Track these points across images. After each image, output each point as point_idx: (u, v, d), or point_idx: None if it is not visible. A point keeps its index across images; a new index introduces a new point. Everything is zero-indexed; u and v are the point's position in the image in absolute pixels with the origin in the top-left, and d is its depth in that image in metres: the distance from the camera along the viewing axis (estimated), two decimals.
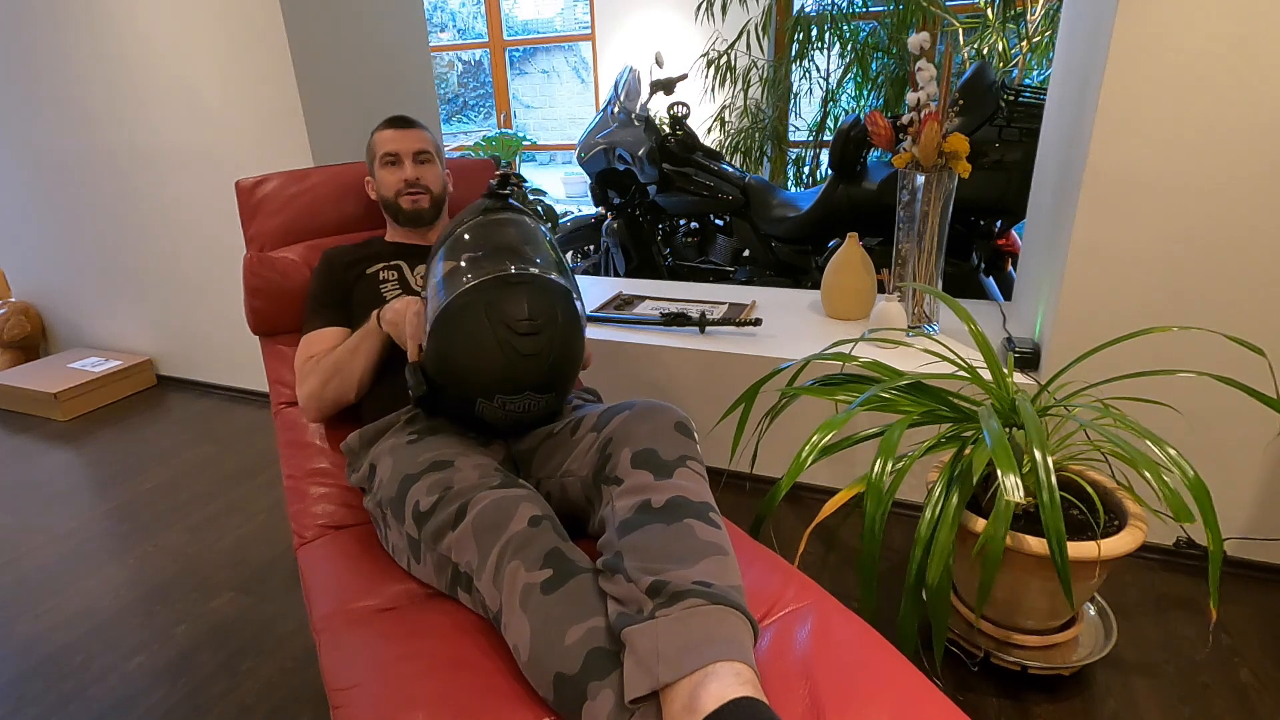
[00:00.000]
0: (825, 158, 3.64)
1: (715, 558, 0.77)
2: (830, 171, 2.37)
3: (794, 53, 3.51)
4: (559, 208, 4.24)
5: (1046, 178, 1.63)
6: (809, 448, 1.08)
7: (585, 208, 4.04)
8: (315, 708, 1.20)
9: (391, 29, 2.18)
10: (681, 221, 2.90)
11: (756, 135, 3.74)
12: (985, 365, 1.16)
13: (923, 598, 1.17)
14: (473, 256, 1.04)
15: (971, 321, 1.17)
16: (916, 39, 1.61)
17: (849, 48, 3.38)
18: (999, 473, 0.91)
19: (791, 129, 3.93)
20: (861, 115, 2.24)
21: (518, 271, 1.02)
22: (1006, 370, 1.17)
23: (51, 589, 1.54)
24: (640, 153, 2.72)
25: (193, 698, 1.23)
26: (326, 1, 1.98)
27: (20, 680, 1.29)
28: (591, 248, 3.15)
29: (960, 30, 3.01)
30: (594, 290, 2.28)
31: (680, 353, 1.80)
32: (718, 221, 2.81)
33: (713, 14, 3.57)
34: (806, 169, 3.75)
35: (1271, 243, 1.23)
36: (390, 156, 1.37)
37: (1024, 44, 2.85)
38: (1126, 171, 1.27)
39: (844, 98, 3.58)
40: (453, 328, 1.00)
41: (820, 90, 3.57)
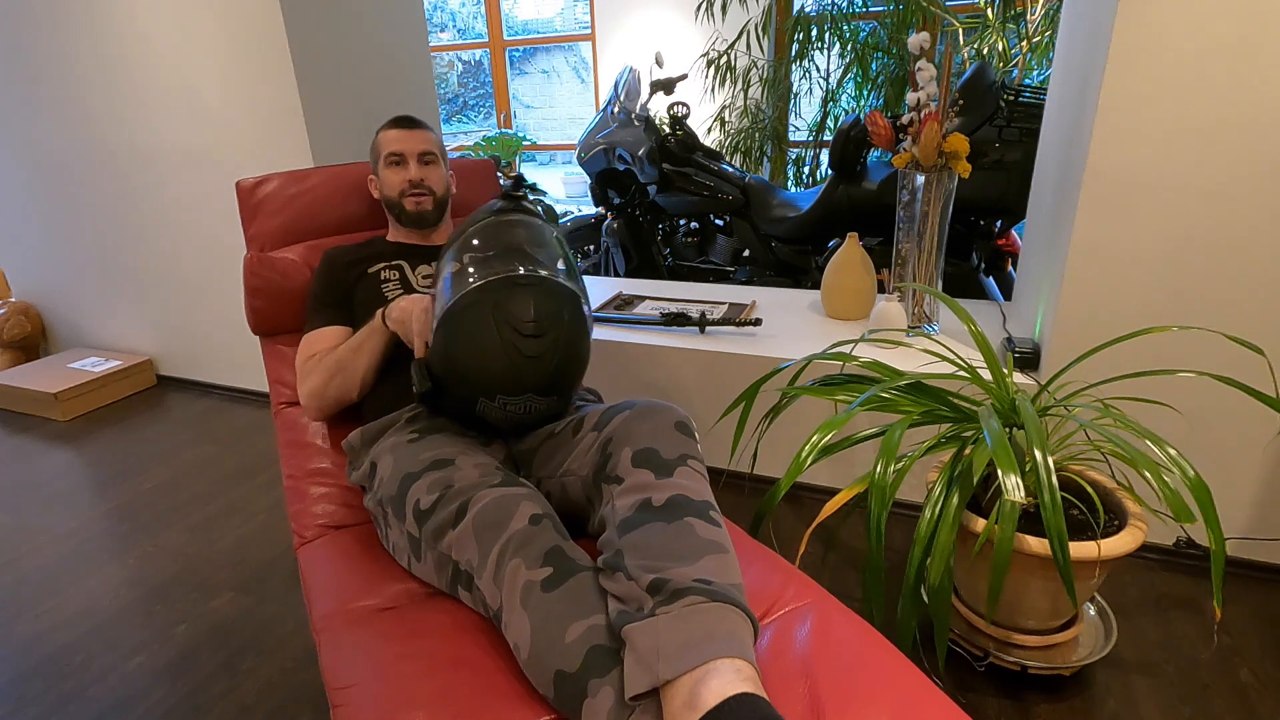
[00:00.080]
0: (825, 158, 3.64)
1: (716, 556, 0.78)
2: (830, 171, 2.36)
3: (794, 53, 3.51)
4: (559, 208, 4.24)
5: (1046, 178, 1.63)
6: (809, 448, 1.08)
7: (585, 208, 4.04)
8: (315, 708, 1.20)
9: (391, 29, 2.18)
10: (681, 221, 2.90)
11: (756, 135, 3.74)
12: (985, 365, 1.16)
13: (922, 598, 1.17)
14: (482, 256, 1.04)
15: (971, 321, 1.17)
16: (916, 39, 1.61)
17: (849, 48, 3.38)
18: (1000, 473, 0.91)
19: (791, 129, 3.93)
20: (861, 115, 2.24)
21: (526, 273, 1.02)
22: (1006, 370, 1.17)
23: (51, 589, 1.54)
24: (640, 153, 2.72)
25: (193, 698, 1.23)
26: (326, 1, 1.98)
27: (20, 680, 1.29)
28: (591, 248, 3.15)
29: (960, 30, 3.01)
30: (594, 290, 2.28)
31: (680, 353, 1.80)
32: (718, 221, 2.81)
33: (713, 14, 3.58)
34: (806, 169, 3.75)
35: (1271, 243, 1.23)
36: (395, 156, 1.37)
37: (1024, 44, 2.85)
38: (1126, 171, 1.27)
39: (844, 98, 3.58)
40: (458, 326, 1.00)
41: (820, 90, 3.57)
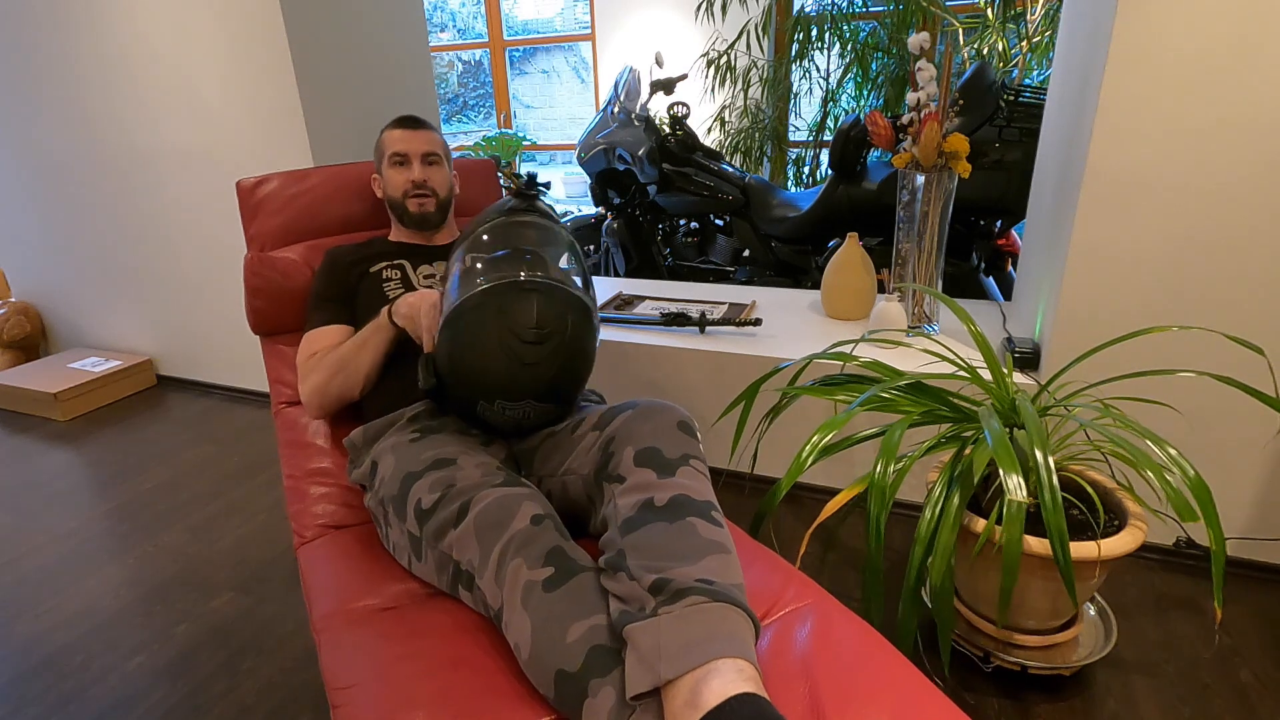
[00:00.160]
0: (825, 158, 3.64)
1: (717, 556, 0.78)
2: (830, 171, 2.36)
3: (794, 53, 3.51)
4: (559, 208, 4.24)
5: (1046, 178, 1.63)
6: (809, 448, 1.08)
7: (585, 208, 4.04)
8: (315, 708, 1.20)
9: (391, 29, 2.18)
10: (681, 221, 2.90)
11: (756, 135, 3.74)
12: (985, 365, 1.16)
13: (923, 598, 1.17)
14: (491, 258, 1.03)
15: (971, 321, 1.17)
16: (916, 39, 1.61)
17: (849, 48, 3.38)
18: (1002, 473, 0.91)
19: (791, 129, 3.93)
20: (861, 115, 2.24)
21: (531, 278, 1.01)
22: (1006, 370, 1.17)
23: (51, 589, 1.54)
24: (640, 153, 2.72)
25: (193, 698, 1.23)
26: (326, 1, 1.98)
27: (20, 680, 1.29)
28: (591, 248, 3.15)
29: (960, 30, 3.01)
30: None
31: (680, 353, 1.80)
32: (718, 221, 2.81)
33: (713, 14, 3.57)
34: (806, 169, 3.75)
35: (1271, 243, 1.23)
36: (399, 156, 1.37)
37: (1024, 44, 2.85)
38: (1126, 171, 1.27)
39: (844, 98, 3.58)
40: (462, 327, 1.00)
41: (820, 90, 3.57)
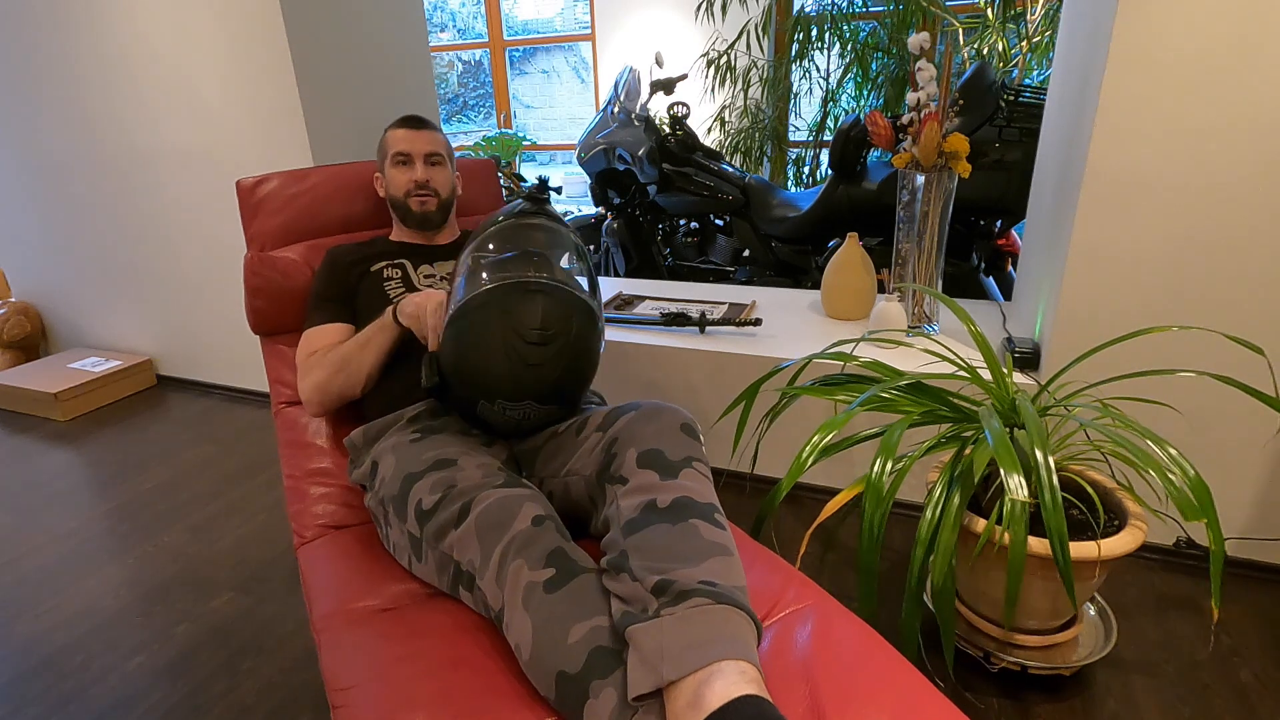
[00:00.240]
0: (825, 158, 3.64)
1: (720, 558, 0.78)
2: (830, 171, 2.36)
3: (794, 53, 3.51)
4: (559, 208, 4.23)
5: (1046, 178, 1.63)
6: (809, 448, 1.08)
7: (585, 208, 4.04)
8: (315, 708, 1.20)
9: (391, 29, 2.18)
10: (681, 221, 2.90)
11: (756, 135, 3.74)
12: (985, 365, 1.16)
13: (924, 600, 1.17)
14: (499, 259, 1.04)
15: (971, 321, 1.17)
16: (916, 39, 1.61)
17: (849, 48, 3.38)
18: (1003, 473, 0.91)
19: (791, 129, 3.93)
20: (861, 115, 2.24)
21: (538, 280, 1.01)
22: (1006, 370, 1.17)
23: (51, 589, 1.54)
24: (640, 153, 2.72)
25: (193, 698, 1.23)
26: (326, 1, 1.98)
27: (20, 680, 1.29)
28: (591, 248, 3.15)
29: (960, 30, 3.01)
30: None
31: (680, 353, 1.80)
32: (718, 221, 2.81)
33: (713, 14, 3.57)
34: (806, 169, 3.75)
35: (1271, 243, 1.23)
36: (402, 156, 1.37)
37: (1024, 44, 2.85)
38: (1126, 171, 1.27)
39: (844, 98, 3.58)
40: (466, 326, 1.01)
41: (820, 90, 3.57)
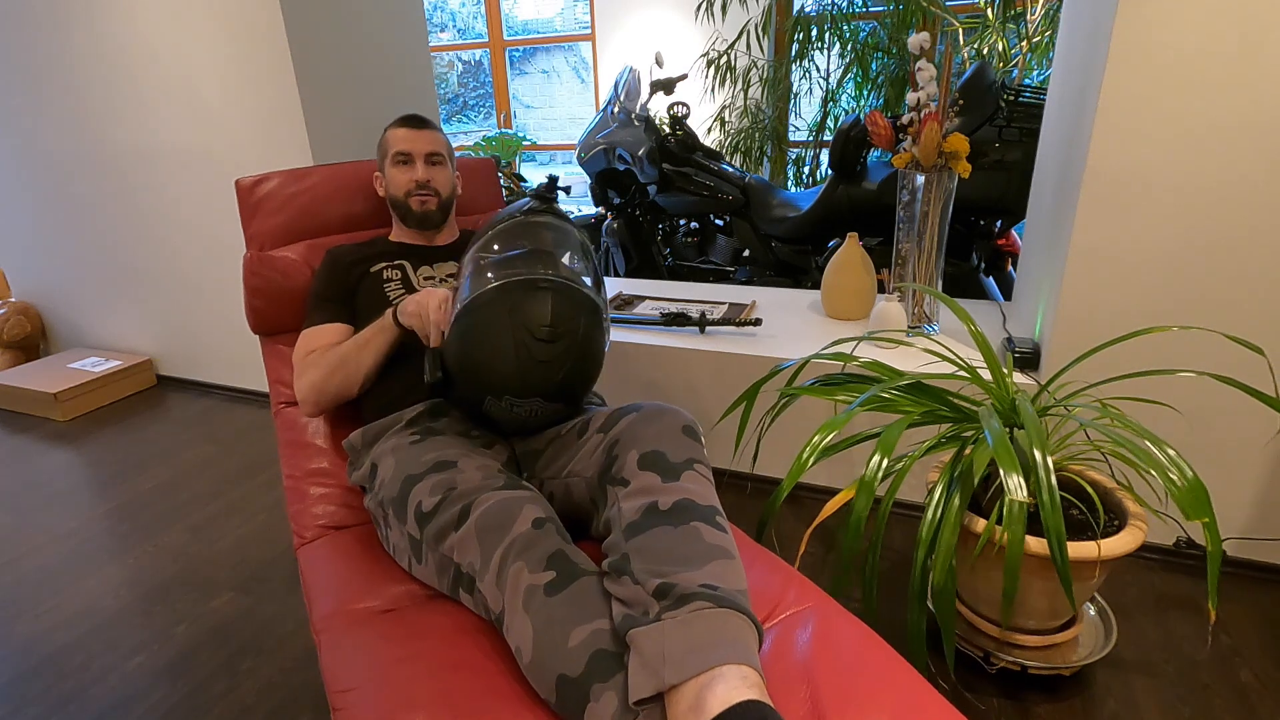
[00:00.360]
0: (825, 158, 3.64)
1: (722, 561, 0.77)
2: (830, 171, 2.36)
3: (794, 53, 3.51)
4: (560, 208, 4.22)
5: (1046, 178, 1.62)
6: (809, 448, 1.08)
7: (585, 208, 4.03)
8: (315, 708, 1.20)
9: (391, 29, 2.18)
10: (681, 221, 2.90)
11: (756, 135, 3.74)
12: (985, 365, 1.16)
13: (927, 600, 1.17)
14: (507, 256, 1.04)
15: (971, 321, 1.17)
16: (916, 39, 1.61)
17: (849, 48, 3.38)
18: (1003, 473, 0.91)
19: (791, 129, 3.93)
20: (861, 115, 2.24)
21: (547, 277, 1.02)
22: (1006, 370, 1.17)
23: (51, 589, 1.54)
24: (640, 153, 2.72)
25: (193, 698, 1.23)
26: (326, 1, 1.98)
27: (20, 680, 1.29)
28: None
29: (960, 30, 3.01)
30: None
31: (680, 353, 1.80)
32: (718, 221, 2.81)
33: (713, 14, 3.57)
34: (806, 169, 3.75)
35: (1271, 243, 1.23)
36: (402, 155, 1.36)
37: (1024, 44, 2.85)
38: (1126, 171, 1.27)
39: (844, 98, 3.58)
40: (474, 322, 1.01)
41: (820, 90, 3.57)
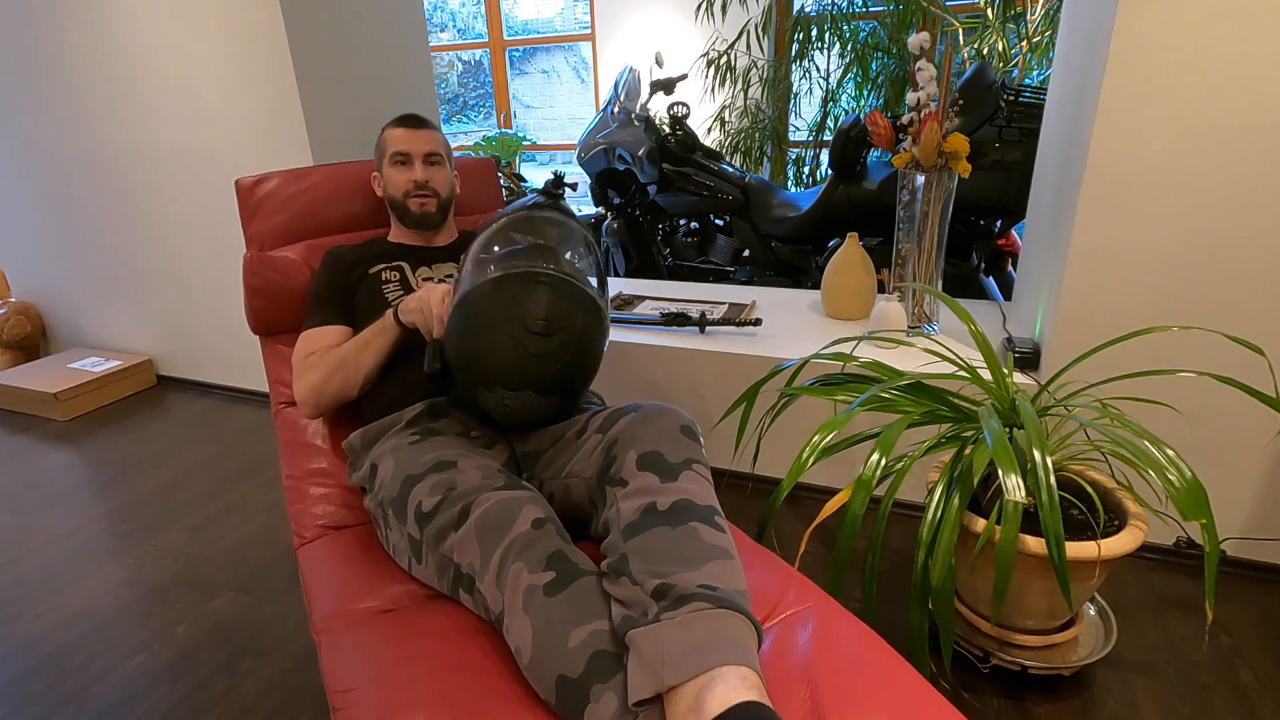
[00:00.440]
0: (825, 158, 3.64)
1: (721, 561, 0.77)
2: (830, 171, 2.36)
3: (794, 53, 3.51)
4: None
5: (1046, 178, 1.62)
6: (809, 448, 1.08)
7: (585, 208, 4.03)
8: (315, 708, 1.20)
9: (391, 29, 2.18)
10: (681, 221, 2.90)
11: (756, 135, 3.74)
12: (985, 365, 1.16)
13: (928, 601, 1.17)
14: (509, 249, 1.05)
15: (971, 321, 1.17)
16: (916, 39, 1.61)
17: (849, 48, 3.38)
18: (1001, 473, 0.91)
19: (791, 129, 3.93)
20: (861, 115, 2.24)
21: (547, 271, 1.02)
22: (1006, 370, 1.17)
23: (51, 589, 1.54)
24: (640, 153, 2.72)
25: (193, 698, 1.23)
26: (326, 1, 1.98)
27: (20, 680, 1.29)
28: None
29: (960, 30, 3.01)
30: None
31: (680, 353, 1.80)
32: (718, 221, 2.81)
33: (713, 14, 3.57)
34: (806, 169, 3.75)
35: (1271, 243, 1.23)
36: (400, 156, 1.36)
37: (1024, 44, 2.85)
38: (1126, 172, 1.27)
39: (844, 98, 3.58)
40: (473, 312, 1.01)
41: (820, 90, 3.57)
